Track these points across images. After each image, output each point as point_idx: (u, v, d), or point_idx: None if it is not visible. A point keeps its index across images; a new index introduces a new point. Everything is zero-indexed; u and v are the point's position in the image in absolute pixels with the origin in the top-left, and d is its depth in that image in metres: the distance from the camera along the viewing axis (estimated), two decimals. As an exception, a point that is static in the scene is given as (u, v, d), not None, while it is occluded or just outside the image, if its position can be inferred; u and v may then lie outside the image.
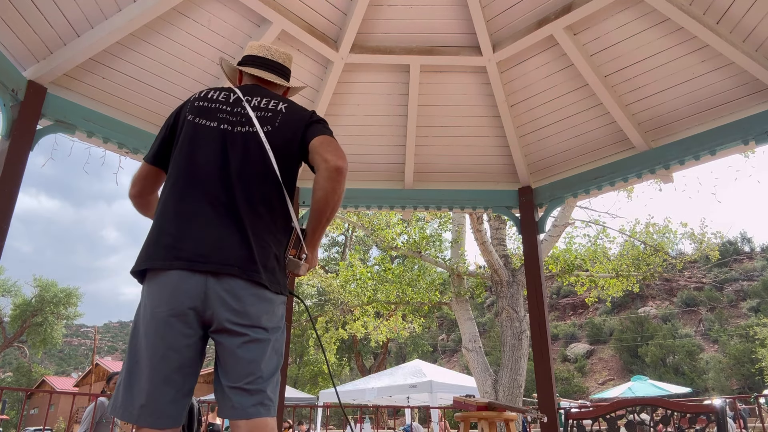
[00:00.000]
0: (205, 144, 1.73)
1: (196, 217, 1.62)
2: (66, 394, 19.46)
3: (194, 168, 1.70)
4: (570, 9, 3.60)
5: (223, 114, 1.79)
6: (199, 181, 1.68)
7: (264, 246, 1.64)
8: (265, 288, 1.61)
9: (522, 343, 7.79)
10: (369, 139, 4.57)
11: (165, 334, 1.54)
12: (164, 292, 1.55)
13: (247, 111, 1.79)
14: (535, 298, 4.28)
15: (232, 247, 1.58)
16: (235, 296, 1.56)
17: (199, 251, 1.56)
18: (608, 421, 3.47)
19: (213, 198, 1.64)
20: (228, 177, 1.67)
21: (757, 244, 48.63)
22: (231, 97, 1.85)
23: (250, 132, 1.75)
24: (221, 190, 1.66)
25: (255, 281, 1.59)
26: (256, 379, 1.55)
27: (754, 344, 29.50)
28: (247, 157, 1.71)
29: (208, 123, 1.78)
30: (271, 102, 1.84)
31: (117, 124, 3.67)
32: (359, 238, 25.16)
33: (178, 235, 1.60)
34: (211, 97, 1.86)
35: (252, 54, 2.04)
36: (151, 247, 1.62)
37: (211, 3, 3.56)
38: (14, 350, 39.94)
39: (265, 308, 1.60)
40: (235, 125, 1.76)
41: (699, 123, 3.83)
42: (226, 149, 1.72)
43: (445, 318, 42.87)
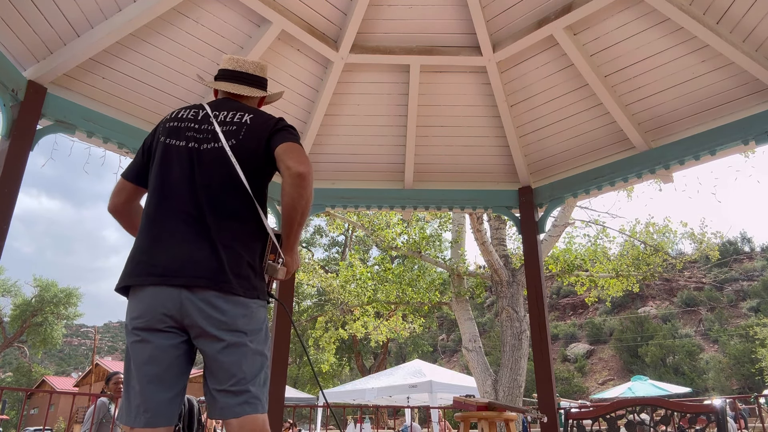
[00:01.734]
0: (175, 163, 1.81)
1: (169, 235, 1.71)
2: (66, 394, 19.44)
3: (166, 187, 1.79)
4: (570, 9, 3.60)
5: (191, 132, 1.86)
6: (171, 200, 1.76)
7: (235, 256, 1.71)
8: (238, 295, 1.68)
9: (522, 343, 7.79)
10: (369, 139, 4.57)
11: (148, 342, 1.65)
12: (142, 305, 1.66)
13: (213, 127, 1.85)
14: (535, 298, 4.28)
15: (202, 261, 1.67)
16: (209, 305, 1.64)
17: (171, 267, 1.66)
18: (608, 421, 3.47)
19: (184, 215, 1.73)
20: (197, 193, 1.75)
21: (757, 244, 48.64)
22: (200, 114, 1.92)
23: (216, 147, 1.81)
24: (191, 206, 1.74)
25: (226, 291, 1.66)
26: (240, 380, 1.64)
27: (754, 344, 29.49)
28: (215, 172, 1.78)
29: (177, 143, 1.85)
30: (237, 114, 1.89)
31: (117, 124, 3.67)
32: (359, 238, 25.16)
33: (153, 252, 1.70)
34: (181, 116, 1.93)
35: (222, 68, 2.09)
36: (129, 264, 1.73)
37: (211, 3, 3.56)
38: (14, 350, 39.94)
39: (240, 312, 1.68)
40: (202, 142, 1.83)
41: (699, 123, 3.83)
42: (193, 167, 1.79)
43: (445, 318, 42.88)
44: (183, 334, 1.68)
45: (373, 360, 31.61)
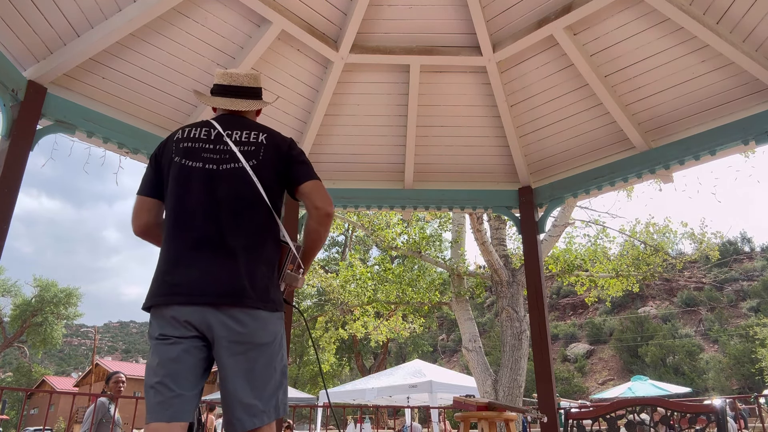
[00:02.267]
0: (193, 185, 1.85)
1: (191, 256, 1.78)
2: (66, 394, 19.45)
3: (185, 209, 1.83)
4: (570, 9, 3.60)
5: (207, 153, 1.90)
6: (190, 220, 1.82)
7: (256, 272, 1.79)
8: (258, 309, 1.76)
9: (522, 343, 7.79)
10: (369, 139, 4.57)
11: (176, 344, 1.73)
12: (169, 322, 1.75)
13: (230, 147, 1.91)
14: (535, 298, 4.28)
15: (225, 280, 1.75)
16: (233, 319, 1.72)
17: (196, 287, 1.73)
18: (608, 421, 3.47)
19: (204, 235, 1.79)
20: (216, 213, 1.81)
21: (757, 244, 48.64)
22: (212, 133, 1.95)
23: (236, 168, 1.87)
24: (211, 226, 1.80)
25: (248, 306, 1.74)
26: (251, 392, 1.72)
27: (754, 344, 29.49)
28: (235, 192, 1.84)
29: (193, 164, 1.88)
30: (252, 134, 1.95)
31: (117, 124, 3.67)
32: (359, 238, 25.15)
33: (176, 273, 1.77)
34: (193, 136, 1.95)
35: (217, 83, 2.11)
36: (155, 285, 1.80)
37: (211, 3, 3.56)
38: (14, 350, 39.93)
39: (260, 326, 1.76)
40: (220, 163, 1.88)
41: (699, 123, 3.83)
42: (213, 188, 1.84)
43: (445, 318, 42.88)
44: (206, 343, 1.76)
45: (373, 360, 31.61)
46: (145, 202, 1.96)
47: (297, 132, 4.45)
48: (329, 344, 16.60)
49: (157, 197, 1.96)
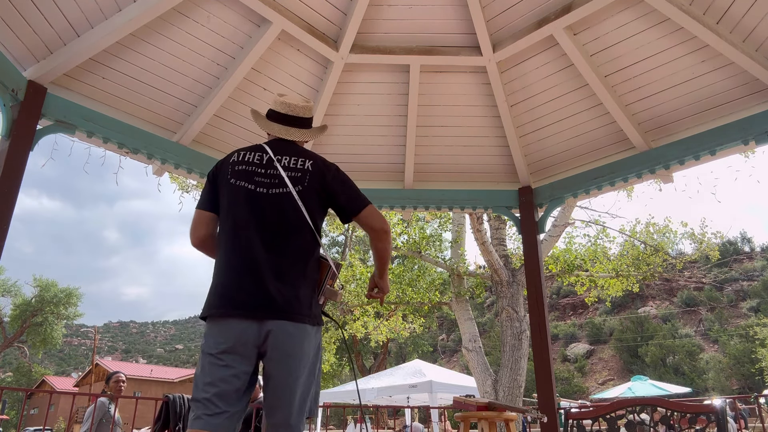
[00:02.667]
0: (246, 205, 2.03)
1: (245, 272, 1.94)
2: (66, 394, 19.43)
3: (239, 228, 2.00)
4: (570, 9, 3.60)
5: (259, 177, 2.08)
6: (243, 239, 1.98)
7: (301, 288, 1.96)
8: (305, 323, 1.93)
9: (522, 343, 7.79)
10: (369, 139, 4.57)
11: (229, 367, 1.88)
12: (224, 334, 1.90)
13: (279, 172, 2.08)
14: (535, 298, 4.28)
15: (277, 296, 1.91)
16: (282, 332, 1.89)
17: (251, 302, 1.90)
18: (608, 421, 3.47)
19: (257, 253, 1.95)
20: (266, 233, 1.99)
21: (757, 244, 48.64)
22: (264, 158, 2.13)
23: (284, 193, 2.04)
24: (262, 246, 1.97)
25: (297, 320, 1.92)
26: (292, 401, 1.89)
27: (754, 344, 29.49)
28: (283, 215, 2.01)
29: (246, 185, 2.06)
30: (299, 161, 2.12)
31: (117, 124, 3.67)
32: (359, 238, 25.15)
33: (233, 288, 1.93)
34: (247, 159, 2.13)
35: (274, 110, 2.28)
36: (212, 297, 1.97)
37: (211, 3, 3.56)
38: (14, 350, 39.91)
39: (305, 339, 1.93)
40: (270, 187, 2.06)
41: (699, 123, 3.83)
42: (263, 210, 2.02)
43: (445, 318, 42.87)
44: (255, 357, 1.92)
45: (373, 360, 31.60)
46: (203, 216, 2.12)
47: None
48: (329, 344, 16.59)
49: (214, 212, 2.12)
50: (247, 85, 4.05)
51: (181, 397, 5.12)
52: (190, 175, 4.07)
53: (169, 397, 5.08)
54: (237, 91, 4.03)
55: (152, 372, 39.57)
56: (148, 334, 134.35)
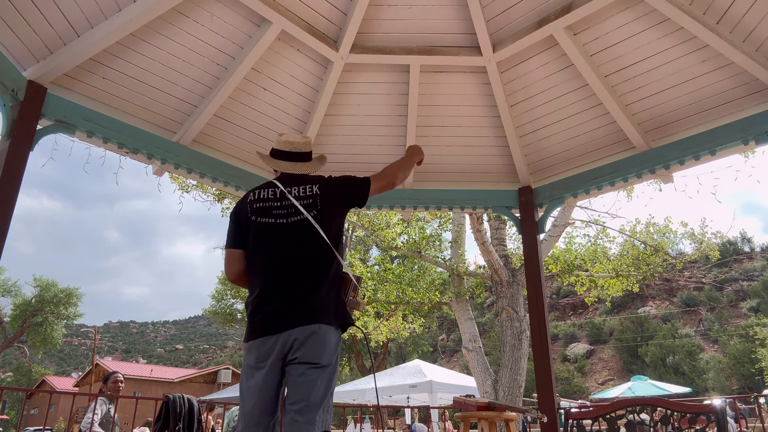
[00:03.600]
0: (269, 238, 2.30)
1: (274, 295, 2.21)
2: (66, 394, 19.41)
3: (265, 259, 2.27)
4: (570, 9, 3.60)
5: (276, 210, 2.34)
6: (270, 268, 2.24)
7: (326, 301, 2.22)
8: (326, 326, 2.18)
9: (522, 343, 7.79)
10: (369, 139, 4.57)
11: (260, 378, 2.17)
12: (256, 351, 2.19)
13: (292, 202, 2.34)
14: (535, 298, 4.27)
15: (300, 310, 2.17)
16: (303, 340, 2.13)
17: (278, 321, 2.17)
18: (608, 421, 3.47)
19: (282, 278, 2.22)
20: (290, 259, 2.25)
21: (757, 244, 48.64)
22: (277, 192, 2.39)
23: (301, 219, 2.30)
24: (286, 271, 2.23)
25: (316, 322, 2.16)
26: (308, 401, 2.09)
27: (754, 344, 29.47)
28: (302, 239, 2.27)
29: (267, 220, 2.32)
30: (308, 188, 2.39)
31: (117, 124, 3.67)
32: (359, 238, 25.15)
33: (265, 312, 2.21)
34: (263, 197, 2.40)
35: (277, 149, 2.55)
36: (250, 325, 2.25)
37: (211, 3, 3.56)
38: (14, 350, 39.91)
39: (322, 346, 2.16)
40: (288, 216, 2.32)
41: (699, 123, 3.83)
42: (285, 238, 2.28)
43: (445, 318, 42.86)
44: (280, 373, 2.18)
45: (373, 360, 31.58)
46: (234, 253, 2.37)
47: (297, 132, 4.45)
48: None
49: (242, 248, 2.36)
50: (247, 85, 4.05)
51: (181, 397, 5.12)
52: (190, 175, 4.07)
53: (169, 397, 5.08)
54: (237, 91, 4.03)
55: (152, 372, 39.54)
56: (148, 334, 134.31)
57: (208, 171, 4.13)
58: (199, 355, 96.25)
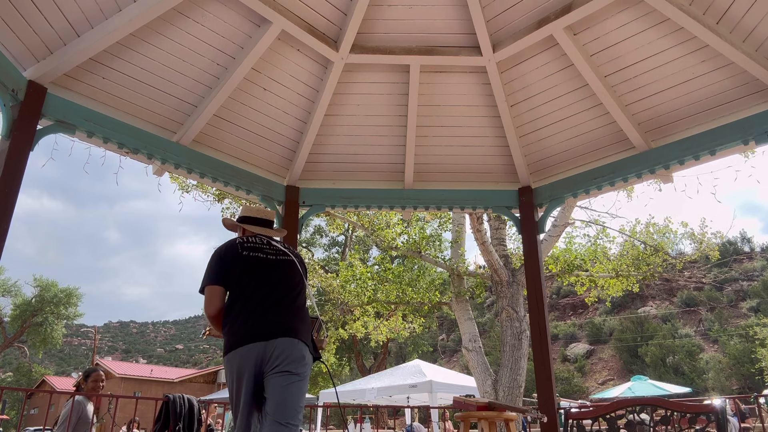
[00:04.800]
0: (261, 269, 2.61)
1: (261, 312, 2.48)
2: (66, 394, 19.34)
3: (257, 284, 2.55)
4: (570, 9, 3.60)
5: (266, 249, 2.70)
6: (261, 291, 2.54)
7: (304, 324, 2.58)
8: (304, 344, 2.49)
9: (522, 343, 7.78)
10: (369, 139, 4.57)
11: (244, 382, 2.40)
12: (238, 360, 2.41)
13: (279, 247, 2.75)
14: (535, 298, 4.28)
15: (283, 325, 2.47)
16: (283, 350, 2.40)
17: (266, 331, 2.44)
18: (608, 421, 3.47)
19: (271, 300, 2.53)
20: (278, 286, 2.59)
21: (757, 244, 48.63)
22: (264, 239, 2.77)
23: (287, 260, 2.71)
24: (275, 293, 2.55)
25: (298, 339, 2.47)
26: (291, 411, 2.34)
27: (754, 344, 29.46)
28: (288, 274, 2.67)
29: (259, 255, 2.65)
30: (288, 248, 2.82)
31: (117, 124, 3.67)
32: (359, 238, 25.15)
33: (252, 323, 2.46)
34: (253, 241, 2.73)
35: (251, 216, 2.91)
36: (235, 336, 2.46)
37: (211, 3, 3.56)
38: (14, 350, 39.89)
39: (305, 358, 2.47)
40: (277, 254, 2.70)
41: (699, 123, 3.83)
42: (274, 270, 2.63)
43: (445, 318, 42.85)
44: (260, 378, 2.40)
45: (373, 360, 31.60)
46: (218, 290, 2.57)
47: (297, 132, 4.45)
48: (329, 344, 16.57)
49: (225, 287, 2.58)
50: (247, 85, 4.05)
51: (181, 397, 5.11)
52: (190, 175, 4.07)
53: (169, 397, 5.08)
54: (237, 91, 4.03)
55: (152, 372, 39.54)
56: (149, 334, 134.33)
57: (208, 171, 4.13)
58: (199, 355, 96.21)
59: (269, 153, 4.46)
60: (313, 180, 4.66)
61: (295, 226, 4.41)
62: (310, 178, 4.66)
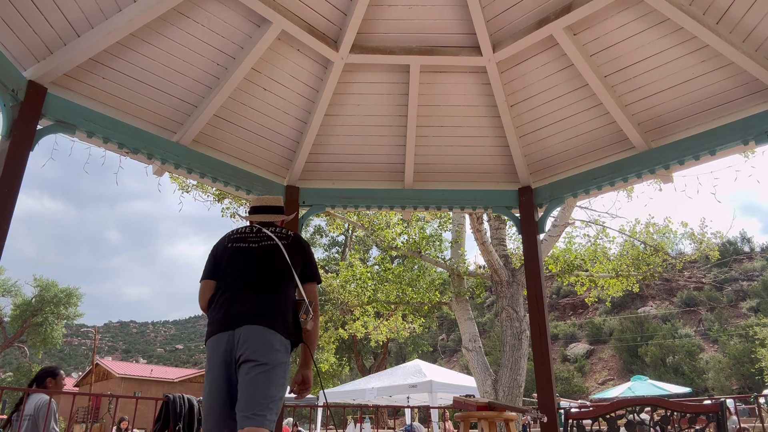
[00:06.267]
0: (243, 257, 2.65)
1: (240, 301, 2.50)
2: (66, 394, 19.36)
3: (237, 272, 2.60)
4: (570, 9, 3.60)
5: (252, 237, 2.74)
6: (240, 279, 2.57)
7: (274, 308, 2.49)
8: (273, 331, 2.41)
9: (522, 343, 7.78)
10: (369, 139, 4.57)
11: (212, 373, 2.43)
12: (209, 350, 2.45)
13: (267, 233, 2.74)
14: (535, 298, 4.27)
15: (249, 312, 2.43)
16: (247, 338, 2.36)
17: (233, 319, 2.44)
18: (608, 421, 3.47)
19: (248, 287, 2.54)
20: (257, 273, 2.59)
21: (757, 244, 48.64)
22: (254, 229, 2.80)
23: (270, 244, 2.69)
24: (253, 281, 2.56)
25: (264, 325, 2.40)
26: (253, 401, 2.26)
27: (754, 344, 29.47)
28: (270, 260, 2.64)
29: (242, 245, 2.70)
30: (283, 230, 2.81)
31: (117, 124, 3.67)
32: (359, 238, 25.14)
33: (226, 311, 2.49)
34: (240, 230, 2.80)
35: (253, 205, 2.97)
36: (210, 326, 2.51)
37: (211, 3, 3.56)
38: (14, 350, 39.88)
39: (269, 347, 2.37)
40: (260, 241, 2.71)
41: (699, 123, 3.83)
42: (255, 258, 2.64)
43: (445, 318, 42.86)
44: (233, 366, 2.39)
45: (373, 360, 31.59)
46: (207, 284, 2.66)
47: (297, 132, 4.45)
48: (329, 344, 16.58)
49: (215, 280, 2.66)
50: (247, 85, 4.05)
51: (181, 397, 5.11)
52: (190, 175, 4.07)
53: (169, 397, 5.08)
54: (237, 91, 4.03)
55: (152, 372, 39.54)
56: (149, 334, 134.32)
57: (208, 171, 4.13)
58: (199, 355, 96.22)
59: (269, 153, 4.47)
60: (313, 180, 4.66)
61: (295, 226, 4.41)
62: (310, 178, 4.66)
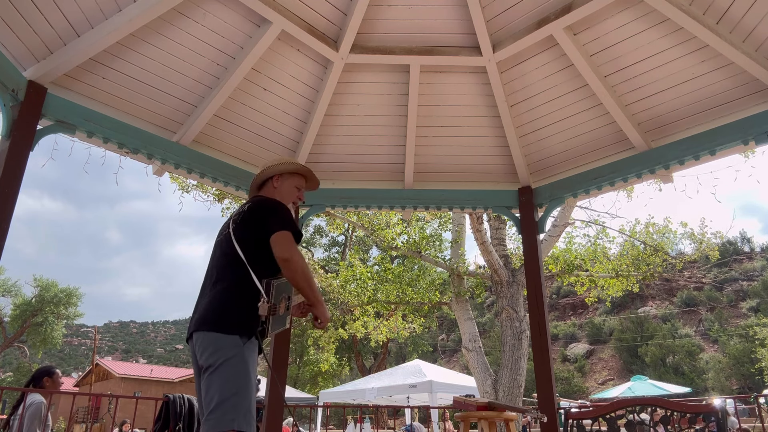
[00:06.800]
0: (213, 251, 2.52)
1: (195, 306, 2.39)
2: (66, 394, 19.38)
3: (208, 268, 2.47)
4: (570, 9, 3.60)
5: (221, 229, 2.54)
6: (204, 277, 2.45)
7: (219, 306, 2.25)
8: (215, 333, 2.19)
9: (522, 343, 7.78)
10: (369, 139, 4.57)
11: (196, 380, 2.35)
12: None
13: (230, 221, 2.49)
14: (535, 298, 4.27)
15: (200, 314, 2.29)
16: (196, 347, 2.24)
17: (190, 327, 2.34)
18: (608, 421, 3.47)
19: (202, 289, 2.42)
20: (212, 268, 2.42)
21: (757, 244, 48.64)
22: (232, 216, 2.54)
23: (226, 233, 2.44)
24: (208, 277, 2.41)
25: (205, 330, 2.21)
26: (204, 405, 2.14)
27: (754, 344, 29.48)
28: (222, 251, 2.41)
29: (216, 240, 2.55)
30: (246, 206, 2.50)
31: (117, 124, 3.67)
32: (359, 238, 25.16)
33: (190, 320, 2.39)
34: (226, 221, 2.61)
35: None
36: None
37: (211, 3, 3.56)
38: (14, 350, 39.90)
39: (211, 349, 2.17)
40: (222, 232, 2.51)
41: (699, 123, 3.83)
42: (215, 250, 2.48)
43: (445, 318, 42.85)
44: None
45: (373, 360, 31.60)
46: None
47: (297, 132, 4.45)
48: (329, 344, 16.58)
49: None
50: (247, 85, 4.05)
51: (181, 397, 5.11)
52: (190, 175, 4.07)
53: (169, 397, 5.07)
54: (237, 91, 4.03)
55: (152, 372, 39.54)
56: (149, 334, 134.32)
57: (208, 171, 4.13)
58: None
59: (269, 153, 4.46)
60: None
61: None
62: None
